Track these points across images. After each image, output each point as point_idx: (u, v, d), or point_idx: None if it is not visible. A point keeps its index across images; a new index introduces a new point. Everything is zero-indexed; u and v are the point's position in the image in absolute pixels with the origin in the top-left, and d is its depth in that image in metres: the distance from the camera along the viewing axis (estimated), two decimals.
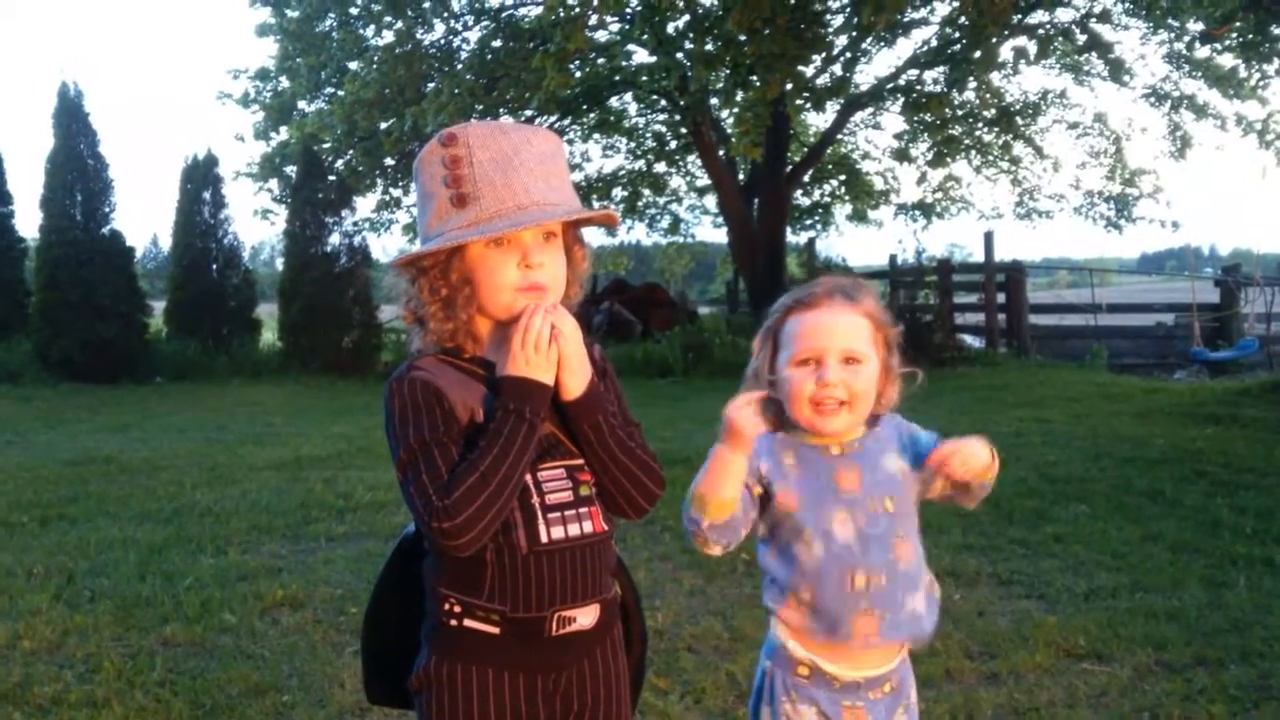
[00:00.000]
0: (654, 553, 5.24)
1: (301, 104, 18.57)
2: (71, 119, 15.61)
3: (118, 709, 3.42)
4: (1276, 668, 3.59)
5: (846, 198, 24.03)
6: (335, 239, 16.25)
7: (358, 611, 4.34)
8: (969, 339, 17.44)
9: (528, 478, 1.75)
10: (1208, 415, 9.48)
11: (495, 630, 1.76)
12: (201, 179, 17.12)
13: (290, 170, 17.92)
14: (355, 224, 16.85)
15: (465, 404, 1.75)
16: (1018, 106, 20.09)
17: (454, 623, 1.77)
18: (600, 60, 17.28)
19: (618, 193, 23.42)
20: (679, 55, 15.56)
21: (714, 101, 17.49)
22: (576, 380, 1.78)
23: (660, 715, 3.30)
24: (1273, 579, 4.58)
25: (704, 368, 15.24)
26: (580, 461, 1.81)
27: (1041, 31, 16.26)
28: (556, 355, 1.75)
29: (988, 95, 19.57)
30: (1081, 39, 17.11)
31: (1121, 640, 3.87)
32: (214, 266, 17.04)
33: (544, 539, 1.75)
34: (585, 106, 19.55)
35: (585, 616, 1.79)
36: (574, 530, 1.78)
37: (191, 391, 13.91)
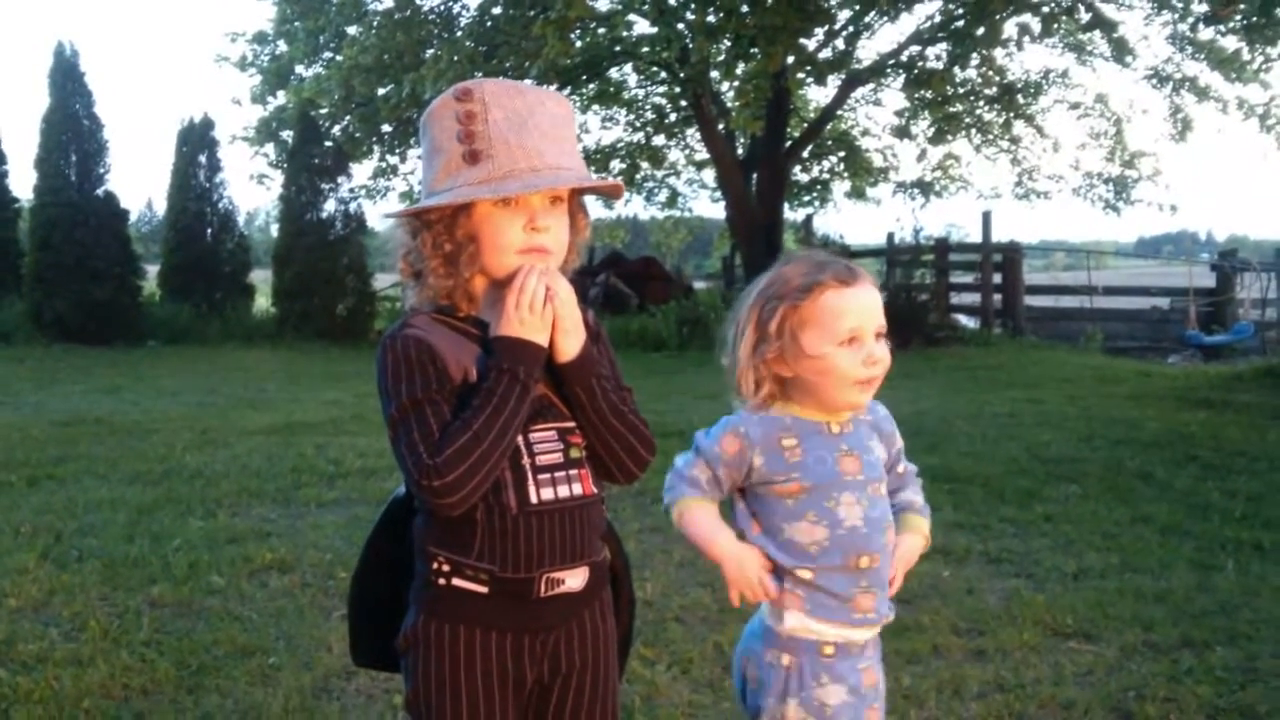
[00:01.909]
0: (644, 524, 5.23)
1: (299, 68, 18.45)
2: (67, 79, 15.50)
3: (103, 667, 3.42)
4: (1263, 650, 3.59)
5: (845, 174, 23.93)
6: (331, 205, 16.21)
7: (346, 576, 4.30)
8: (964, 319, 17.44)
9: (519, 438, 1.74)
10: (1201, 399, 9.49)
11: (484, 590, 1.75)
12: (197, 142, 17.03)
13: (287, 135, 17.83)
14: (351, 191, 16.81)
15: (459, 362, 1.73)
16: (1020, 85, 19.99)
17: (442, 581, 1.77)
18: (601, 30, 17.15)
19: (615, 165, 23.29)
20: (680, 26, 15.46)
21: (714, 74, 17.39)
22: (570, 342, 1.77)
23: (647, 685, 3.30)
24: (1261, 563, 4.59)
25: (699, 342, 15.22)
26: (572, 424, 1.80)
27: (1045, 9, 16.18)
28: (551, 317, 1.74)
29: (990, 73, 19.47)
30: (1085, 17, 17.01)
31: (1109, 620, 3.87)
32: (209, 231, 16.98)
33: (534, 500, 1.75)
34: (585, 77, 19.44)
35: (574, 579, 1.79)
36: (564, 492, 1.77)
37: (184, 355, 13.88)
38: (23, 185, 16.66)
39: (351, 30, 17.20)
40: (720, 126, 18.51)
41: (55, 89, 15.45)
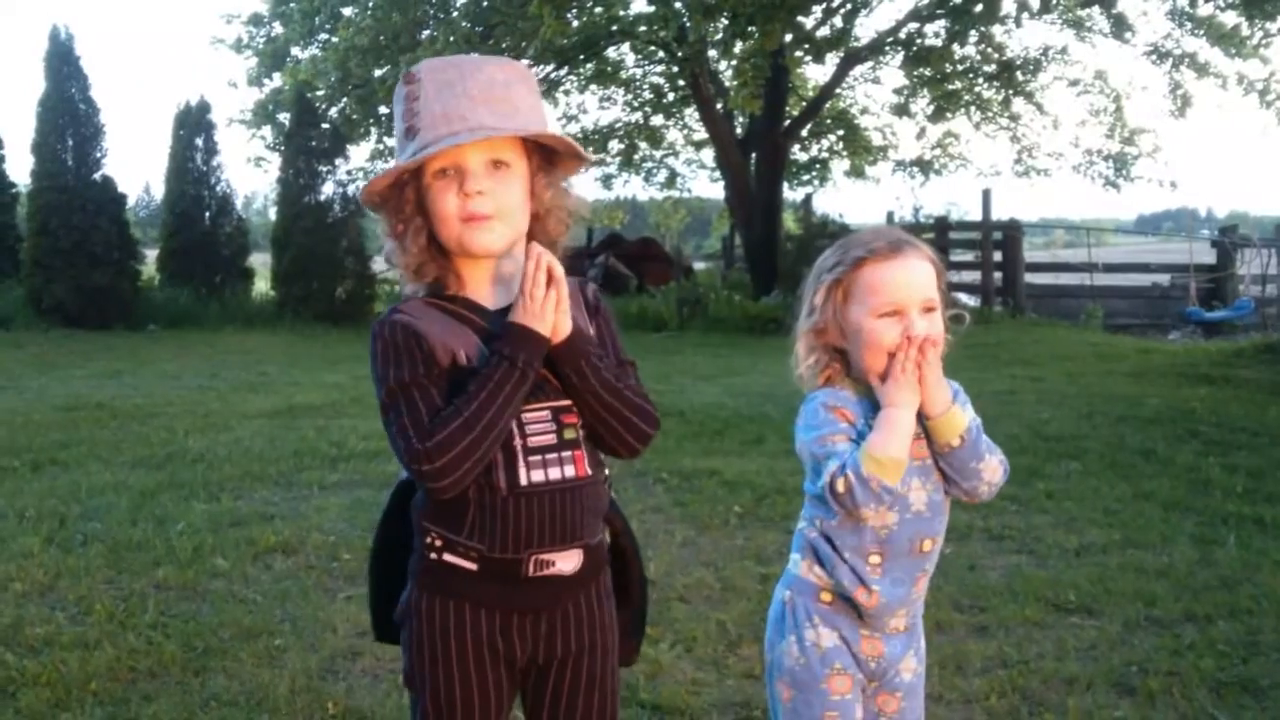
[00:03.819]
0: (646, 504, 5.24)
1: (295, 50, 18.36)
2: (63, 63, 15.42)
3: (110, 650, 3.43)
4: (1265, 624, 3.61)
5: (844, 153, 23.86)
6: (329, 188, 16.16)
7: (350, 558, 4.35)
8: (964, 297, 17.43)
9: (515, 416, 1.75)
10: (1201, 375, 9.50)
11: (473, 567, 1.76)
12: (194, 125, 16.97)
13: (284, 118, 17.76)
14: (349, 173, 16.77)
15: (446, 346, 1.74)
16: (1019, 62, 19.90)
17: (434, 556, 1.79)
18: (598, 9, 17.06)
19: (614, 145, 23.22)
20: (677, 4, 15.37)
21: (712, 53, 17.31)
22: (562, 323, 1.76)
23: (651, 663, 3.31)
24: (1262, 537, 4.60)
25: (698, 322, 15.23)
26: (567, 403, 1.79)
27: None
28: (554, 303, 1.73)
29: (989, 50, 19.38)
30: None
31: (1111, 595, 3.89)
32: (207, 214, 16.93)
33: (523, 481, 1.74)
34: (582, 57, 19.35)
35: (565, 561, 1.78)
36: (554, 474, 1.76)
37: (184, 339, 13.87)
38: (20, 170, 16.63)
39: (347, 11, 17.13)
40: (718, 106, 18.44)
41: (51, 73, 15.38)
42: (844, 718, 1.90)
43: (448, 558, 1.77)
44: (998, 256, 16.97)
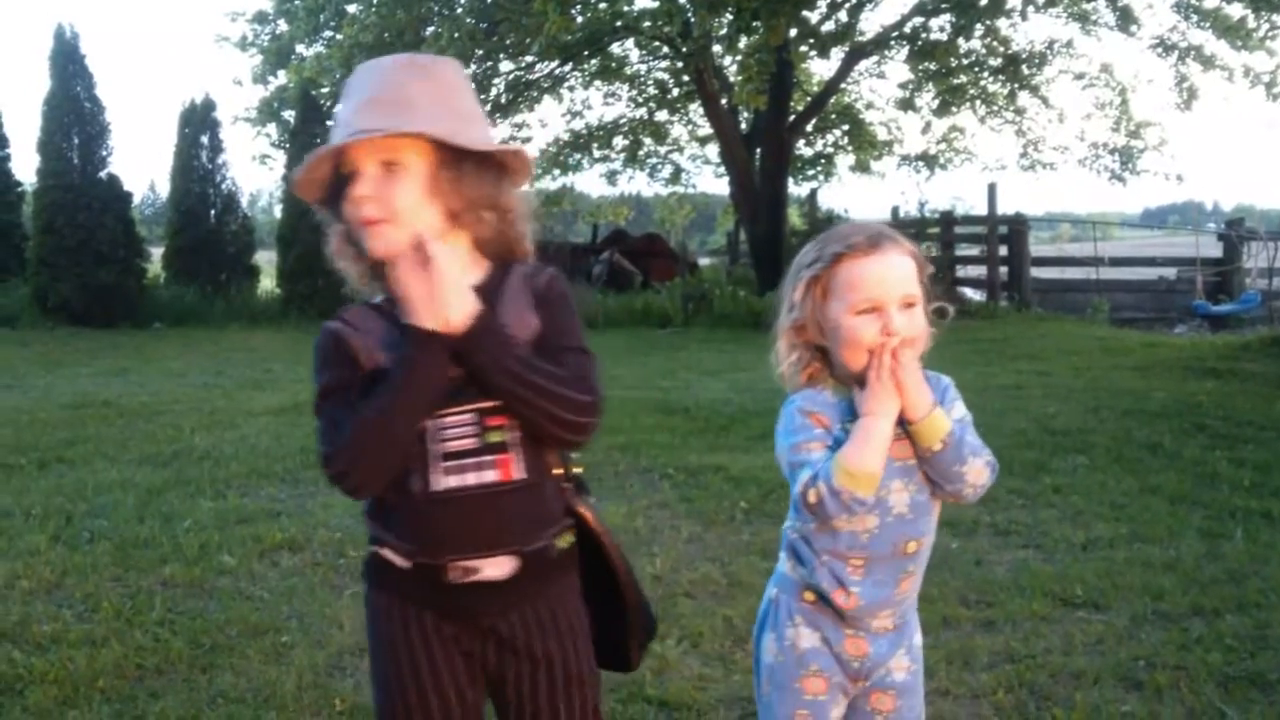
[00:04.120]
0: (652, 500, 5.24)
1: (300, 47, 18.36)
2: (68, 61, 15.45)
3: (117, 647, 3.44)
4: (1273, 618, 3.60)
5: (849, 148, 23.83)
6: None
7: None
8: (970, 291, 17.40)
9: (429, 423, 1.71)
10: (1208, 369, 9.47)
11: (407, 565, 1.76)
12: (199, 123, 16.99)
13: (289, 115, 17.76)
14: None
15: (371, 354, 1.74)
16: (1024, 55, 19.86)
17: (375, 549, 1.80)
18: (602, 4, 17.04)
19: (619, 141, 23.22)
20: (682, 0, 15.36)
21: (717, 48, 17.28)
22: (450, 316, 1.69)
23: (658, 659, 3.31)
24: (1270, 531, 4.59)
25: (704, 319, 15.21)
26: (494, 404, 1.72)
27: None
28: (440, 296, 1.67)
29: (994, 43, 19.33)
30: None
31: (1119, 590, 3.88)
32: (212, 212, 16.97)
33: (437, 487, 1.71)
34: (586, 53, 19.33)
35: (493, 568, 1.74)
36: (471, 479, 1.72)
37: (189, 337, 13.89)
38: (25, 169, 16.66)
39: (352, 8, 17.12)
40: (723, 101, 18.41)
41: (56, 71, 15.40)
42: (816, 718, 1.89)
43: (385, 553, 1.79)
44: (1003, 251, 16.93)
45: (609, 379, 9.63)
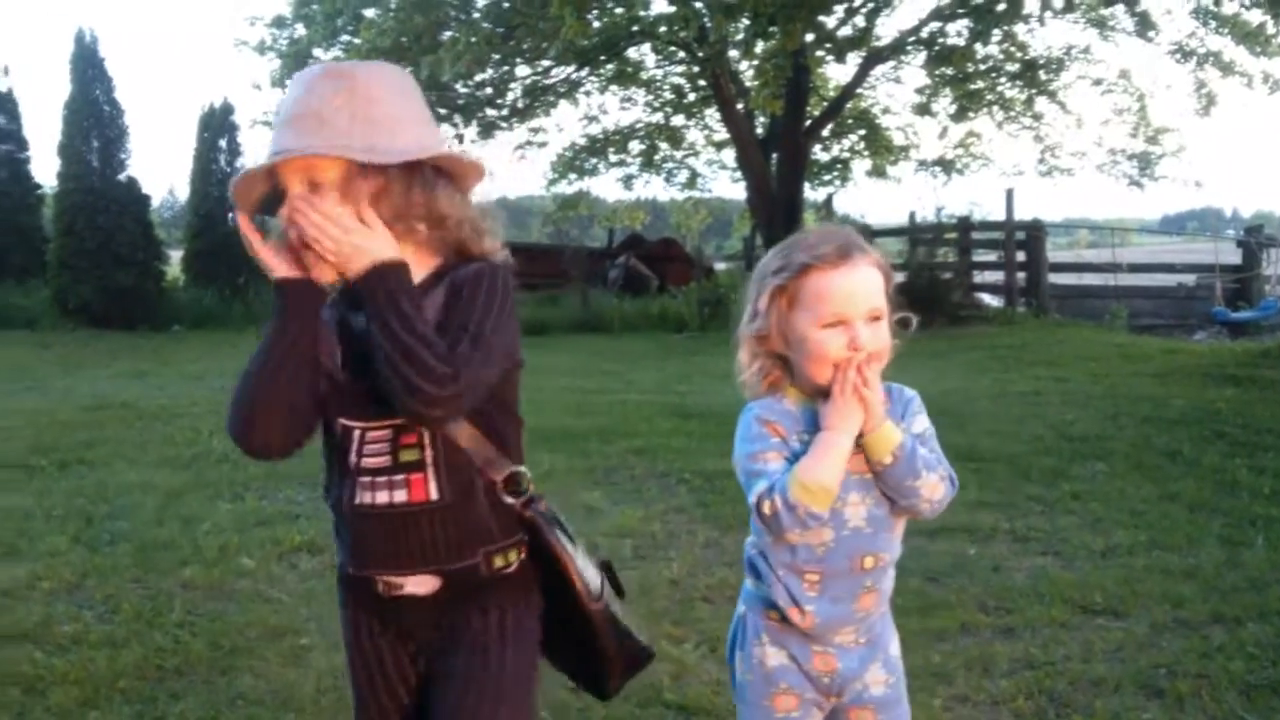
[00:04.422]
0: (669, 505, 5.25)
1: (318, 51, 18.41)
2: (88, 65, 15.58)
3: (137, 649, 3.46)
4: None
5: (866, 153, 23.78)
6: None
7: None
8: (987, 297, 17.34)
9: (355, 434, 1.70)
10: (1227, 376, 9.41)
11: (351, 571, 1.78)
12: (218, 127, 17.09)
13: None
14: None
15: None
16: (1042, 61, 19.80)
17: (338, 558, 1.83)
18: (618, 9, 17.07)
19: (635, 146, 23.23)
20: (698, 4, 15.37)
21: (733, 53, 17.28)
22: (326, 271, 1.68)
23: (676, 663, 3.32)
24: None
25: (719, 323, 15.18)
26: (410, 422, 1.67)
27: None
28: (336, 243, 1.64)
29: (1012, 49, 19.29)
30: None
31: (1138, 597, 3.86)
32: (231, 216, 16.99)
33: (357, 501, 1.71)
34: (603, 57, 19.36)
35: (416, 585, 1.72)
36: (382, 498, 1.69)
37: (208, 340, 13.95)
38: (45, 172, 16.81)
39: (369, 13, 17.17)
40: (739, 106, 18.41)
41: (76, 76, 15.53)
42: None
43: (340, 558, 1.81)
44: (1021, 256, 16.86)
45: (624, 383, 9.71)
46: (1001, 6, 15.15)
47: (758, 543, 1.88)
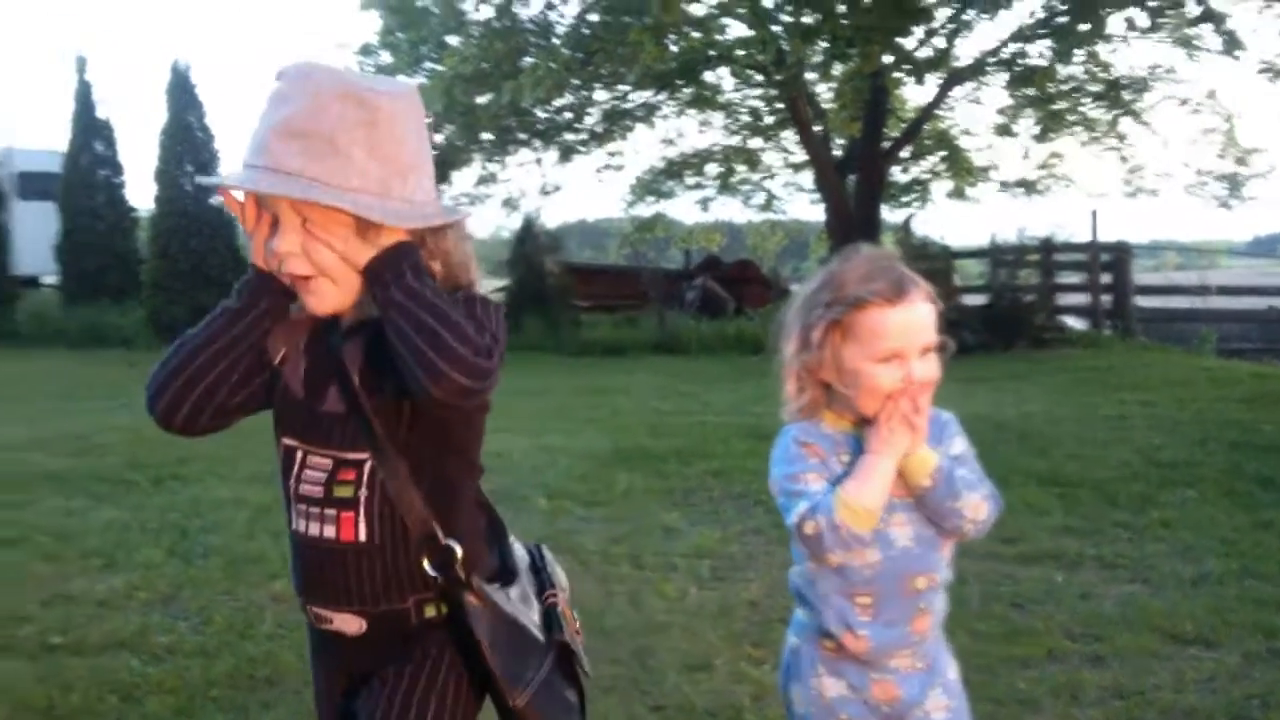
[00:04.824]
0: (746, 526, 5.25)
1: (402, 78, 18.80)
2: (182, 93, 16.07)
3: (229, 659, 3.55)
4: None
5: (946, 174, 23.54)
6: None
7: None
8: (1071, 320, 17.03)
9: (297, 455, 1.64)
10: None
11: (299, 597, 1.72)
12: None
13: None
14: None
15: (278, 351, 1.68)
16: (1126, 81, 19.46)
17: None
18: (696, 34, 17.15)
19: (711, 168, 23.26)
20: (776, 28, 15.40)
21: (811, 75, 17.26)
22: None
23: (756, 684, 3.32)
24: None
25: None
26: (359, 457, 1.58)
27: (1152, 2, 15.72)
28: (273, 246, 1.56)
29: (1095, 69, 18.99)
30: (1195, 10, 16.49)
31: (1230, 626, 3.77)
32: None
33: (293, 527, 1.64)
34: (681, 81, 19.46)
35: (343, 623, 1.62)
36: (314, 530, 1.61)
37: None
38: (141, 196, 17.42)
39: (452, 40, 17.49)
40: (817, 128, 18.37)
41: (172, 103, 16.04)
42: None
43: None
44: (1106, 279, 16.56)
45: (701, 404, 9.73)
46: (1084, 26, 14.94)
47: (803, 571, 1.89)
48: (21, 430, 7.67)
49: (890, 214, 22.63)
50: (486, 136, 18.78)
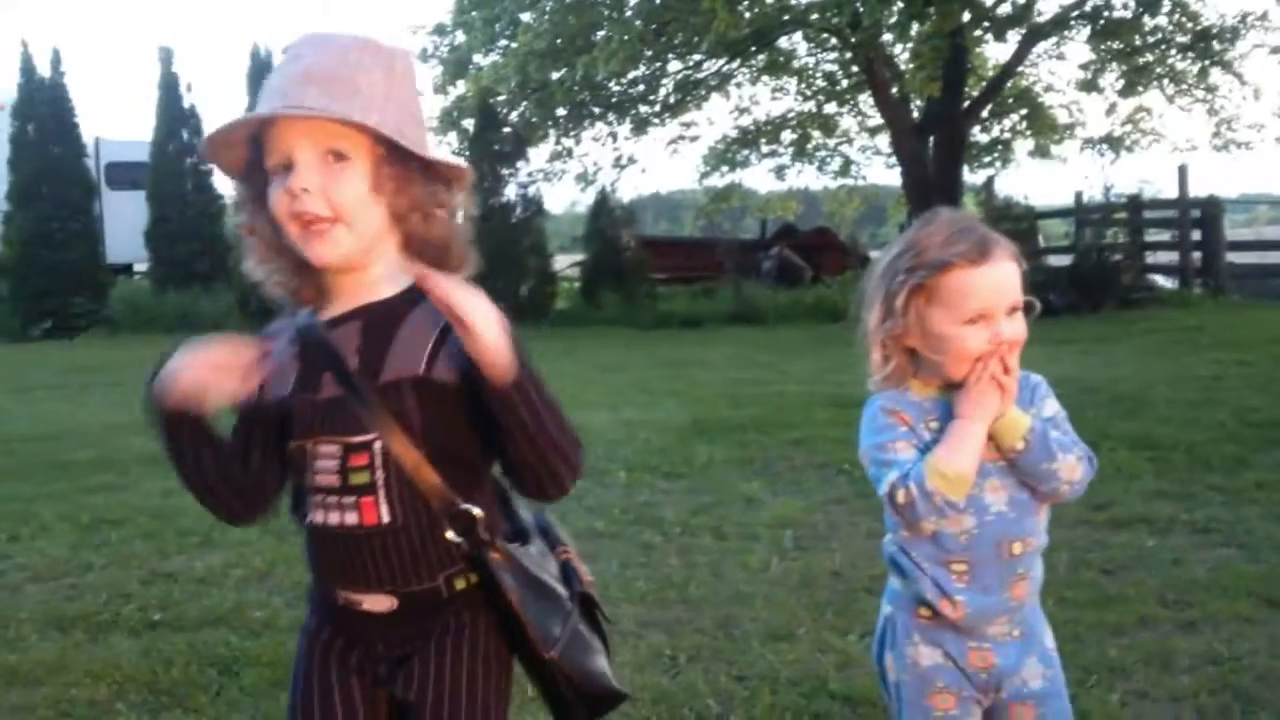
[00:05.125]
0: (828, 496, 5.22)
1: (477, 57, 18.90)
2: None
3: None
4: None
5: (1028, 133, 23.02)
6: (511, 190, 16.59)
7: None
8: (1161, 279, 16.60)
9: (307, 447, 1.60)
10: None
11: (316, 588, 1.71)
12: None
13: (468, 123, 18.33)
14: (529, 175, 17.17)
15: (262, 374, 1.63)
16: (1215, 30, 18.80)
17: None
18: (770, 0, 16.98)
19: (786, 136, 23.04)
20: None
21: (887, 37, 16.99)
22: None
23: (841, 654, 3.31)
24: None
25: None
26: (366, 439, 1.56)
27: None
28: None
29: (1183, 19, 18.38)
30: None
31: None
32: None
33: (312, 520, 1.62)
34: (754, 49, 19.29)
35: (373, 604, 1.62)
36: (334, 519, 1.59)
37: None
38: (226, 182, 17.78)
39: (525, 17, 17.55)
40: (894, 90, 18.09)
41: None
42: None
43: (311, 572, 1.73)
44: (1196, 235, 16.10)
45: (780, 374, 9.68)
46: None
47: (897, 539, 1.88)
48: (123, 414, 7.90)
49: (971, 175, 22.22)
50: (561, 112, 18.82)
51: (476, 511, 1.57)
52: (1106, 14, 17.50)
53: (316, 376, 1.59)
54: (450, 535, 1.57)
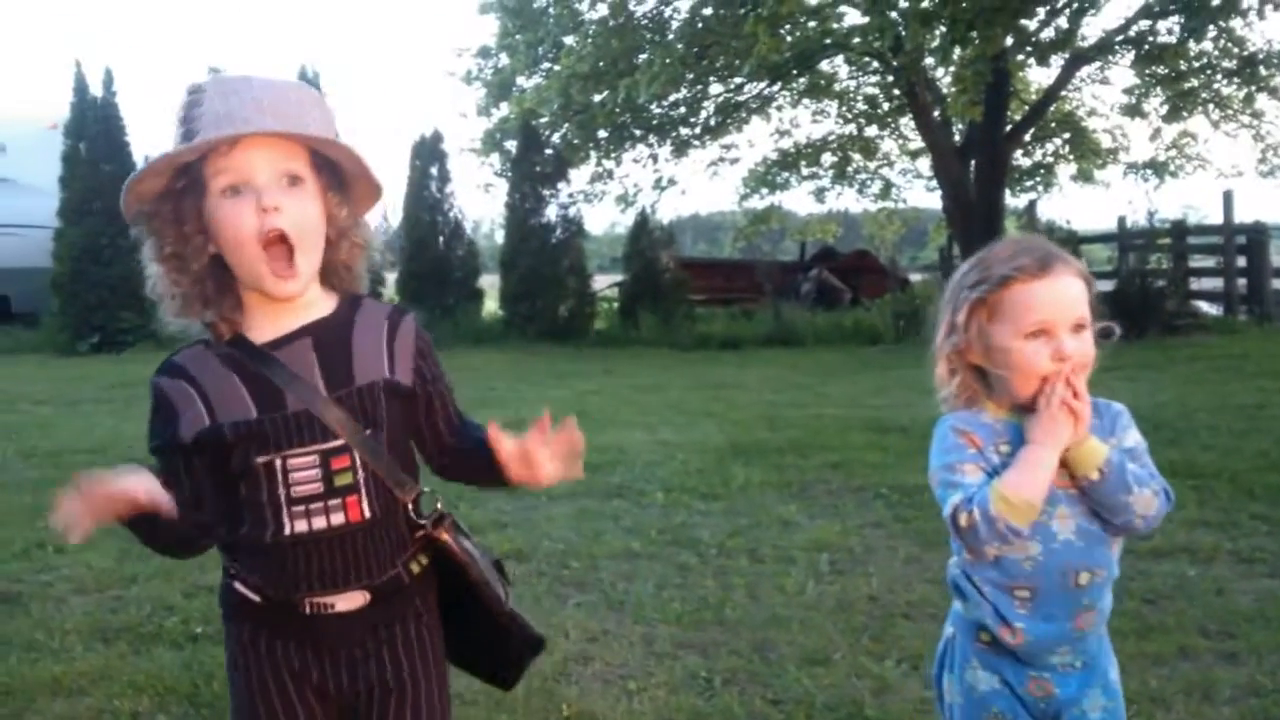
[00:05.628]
0: (865, 520, 5.21)
1: (520, 79, 19.09)
2: None
3: None
4: None
5: (1071, 157, 22.89)
6: (552, 211, 16.71)
7: (579, 565, 4.52)
8: (1205, 305, 16.42)
9: (277, 464, 1.63)
10: None
11: (258, 599, 1.71)
12: (429, 155, 17.83)
13: (510, 145, 18.49)
14: (570, 196, 17.28)
15: (197, 416, 1.65)
16: (1262, 56, 18.63)
17: (230, 579, 1.76)
18: (812, 24, 17.01)
19: (827, 158, 23.06)
20: (893, 14, 15.17)
21: (929, 60, 16.98)
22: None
23: (877, 680, 3.31)
24: None
25: (915, 335, 14.88)
26: (338, 444, 1.64)
27: None
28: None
29: (1228, 44, 18.23)
30: None
31: None
32: (441, 239, 17.73)
33: (287, 532, 1.64)
34: (795, 71, 19.33)
35: (345, 602, 1.69)
36: (320, 523, 1.64)
37: None
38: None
39: (569, 40, 17.71)
40: (936, 114, 18.05)
41: None
42: None
43: (238, 586, 1.73)
44: (1241, 262, 15.92)
45: (818, 397, 9.67)
46: (1216, 1, 14.35)
47: (960, 562, 1.87)
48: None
49: (1013, 199, 22.12)
50: (602, 134, 18.95)
51: (431, 491, 1.76)
52: (1151, 39, 17.39)
53: (278, 394, 1.65)
54: (420, 519, 1.73)
